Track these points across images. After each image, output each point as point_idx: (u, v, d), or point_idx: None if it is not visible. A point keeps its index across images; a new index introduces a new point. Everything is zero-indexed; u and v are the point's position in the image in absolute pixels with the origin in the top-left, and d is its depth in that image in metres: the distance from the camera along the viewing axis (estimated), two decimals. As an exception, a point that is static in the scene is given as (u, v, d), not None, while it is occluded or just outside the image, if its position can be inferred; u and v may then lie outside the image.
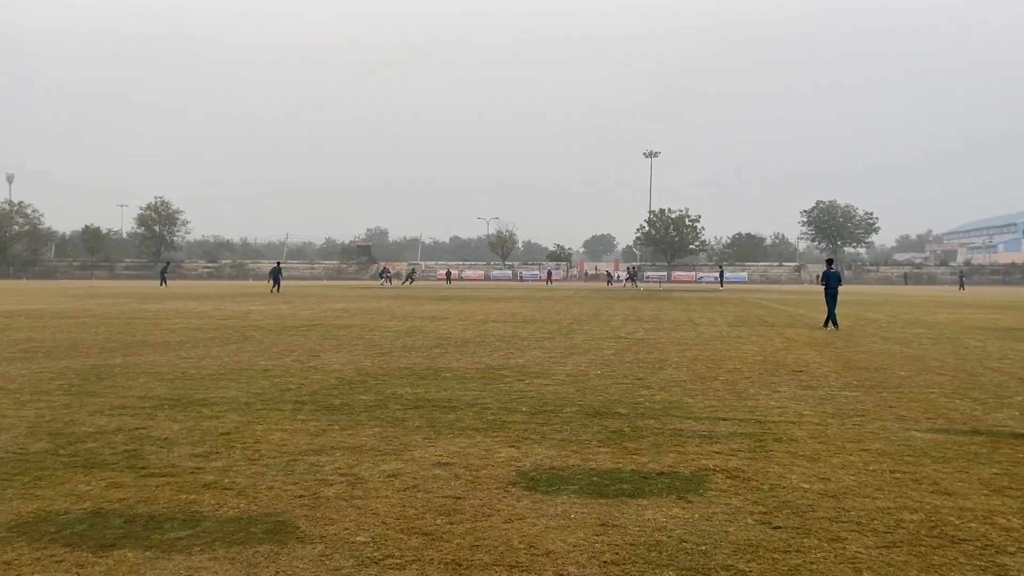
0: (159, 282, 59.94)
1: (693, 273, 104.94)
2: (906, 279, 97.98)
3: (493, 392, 9.52)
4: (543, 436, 7.02)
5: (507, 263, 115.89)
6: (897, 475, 5.82)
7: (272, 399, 8.97)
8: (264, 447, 6.60)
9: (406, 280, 73.96)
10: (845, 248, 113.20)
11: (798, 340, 16.75)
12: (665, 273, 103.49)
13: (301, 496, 5.25)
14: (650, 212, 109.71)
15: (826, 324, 20.21)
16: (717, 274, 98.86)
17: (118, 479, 5.62)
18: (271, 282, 46.07)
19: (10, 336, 16.66)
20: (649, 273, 65.09)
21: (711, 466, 6.01)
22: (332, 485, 5.50)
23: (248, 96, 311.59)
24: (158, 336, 16.74)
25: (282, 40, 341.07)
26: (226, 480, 5.60)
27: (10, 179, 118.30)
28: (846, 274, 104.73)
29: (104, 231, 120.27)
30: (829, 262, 22.18)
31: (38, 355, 13.06)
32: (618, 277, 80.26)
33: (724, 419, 7.88)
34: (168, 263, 70.14)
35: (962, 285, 69.94)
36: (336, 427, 7.41)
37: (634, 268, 60.89)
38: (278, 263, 50.84)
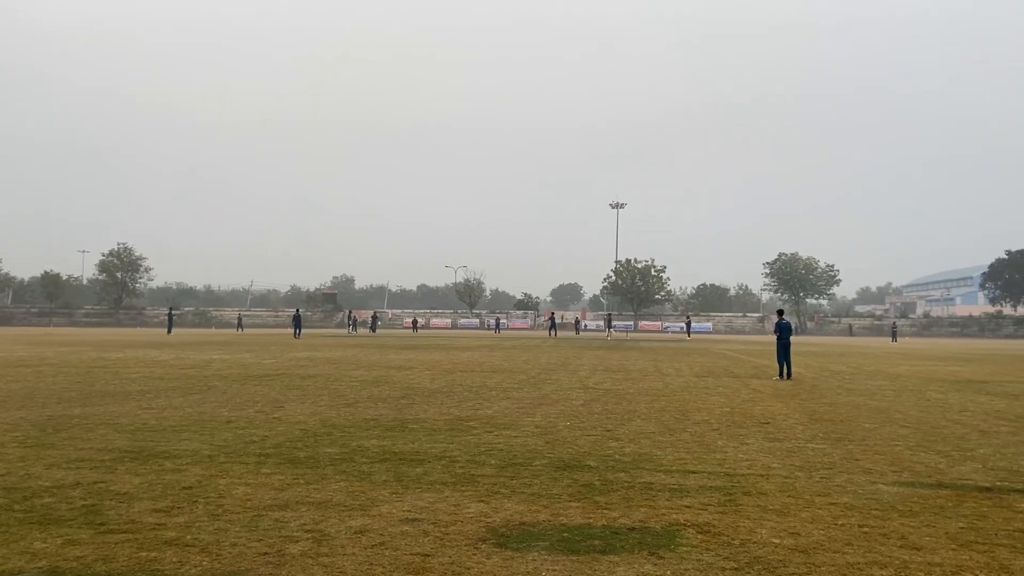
0: (167, 329, 57.53)
1: (659, 323, 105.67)
2: (851, 330, 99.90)
3: (461, 444, 9.44)
4: (513, 490, 6.95)
5: (474, 311, 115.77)
6: (865, 529, 5.84)
7: (235, 452, 8.79)
8: (227, 502, 6.45)
9: (372, 327, 73.99)
10: (807, 299, 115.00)
11: (764, 391, 16.87)
12: (631, 323, 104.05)
13: (265, 553, 5.12)
14: (616, 262, 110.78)
15: (781, 375, 20.42)
16: (683, 324, 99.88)
17: (75, 536, 5.44)
18: (293, 329, 47.48)
19: (-37, 385, 16.19)
20: (616, 323, 65.20)
21: (682, 520, 5.99)
22: (297, 542, 5.37)
23: (212, 141, 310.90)
24: (118, 386, 16.38)
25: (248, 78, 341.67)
26: (188, 536, 5.45)
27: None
28: (808, 325, 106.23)
29: (64, 277, 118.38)
30: (780, 313, 22.59)
31: (-8, 405, 12.68)
32: (585, 326, 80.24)
33: (694, 472, 7.87)
34: (172, 308, 67.07)
35: (894, 337, 71.58)
36: (301, 481, 7.27)
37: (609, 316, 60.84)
38: (297, 310, 51.83)
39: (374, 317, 79.53)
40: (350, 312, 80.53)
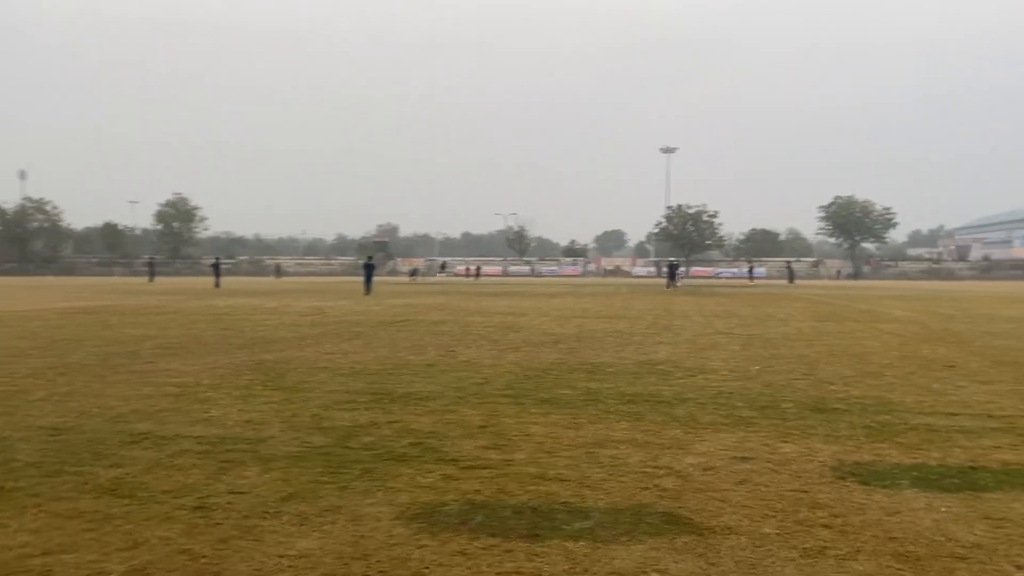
0: (215, 282, 49.51)
1: (711, 269, 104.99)
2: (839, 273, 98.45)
3: (683, 387, 9.56)
4: (802, 432, 7.05)
5: (524, 259, 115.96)
6: None
7: (475, 393, 9.03)
8: (541, 440, 6.67)
9: (440, 272, 78.45)
10: (862, 243, 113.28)
11: (906, 335, 16.77)
12: (684, 269, 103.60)
13: (645, 488, 5.31)
14: (668, 208, 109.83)
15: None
16: (735, 270, 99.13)
17: (446, 471, 5.69)
18: (365, 282, 41.26)
19: (123, 332, 16.75)
20: (682, 269, 64.99)
21: (1014, 460, 6.07)
22: (661, 477, 5.57)
23: (243, 92, 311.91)
24: (269, 332, 16.81)
25: (282, 27, 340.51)
26: (551, 472, 5.67)
27: (22, 175, 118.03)
28: (865, 270, 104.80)
29: (120, 227, 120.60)
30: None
31: (181, 352, 13.11)
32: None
33: (955, 414, 7.91)
34: (218, 258, 61.85)
35: (789, 278, 70.05)
36: (584, 421, 7.47)
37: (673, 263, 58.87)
38: (370, 258, 44.51)
39: (443, 266, 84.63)
40: (415, 268, 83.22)
